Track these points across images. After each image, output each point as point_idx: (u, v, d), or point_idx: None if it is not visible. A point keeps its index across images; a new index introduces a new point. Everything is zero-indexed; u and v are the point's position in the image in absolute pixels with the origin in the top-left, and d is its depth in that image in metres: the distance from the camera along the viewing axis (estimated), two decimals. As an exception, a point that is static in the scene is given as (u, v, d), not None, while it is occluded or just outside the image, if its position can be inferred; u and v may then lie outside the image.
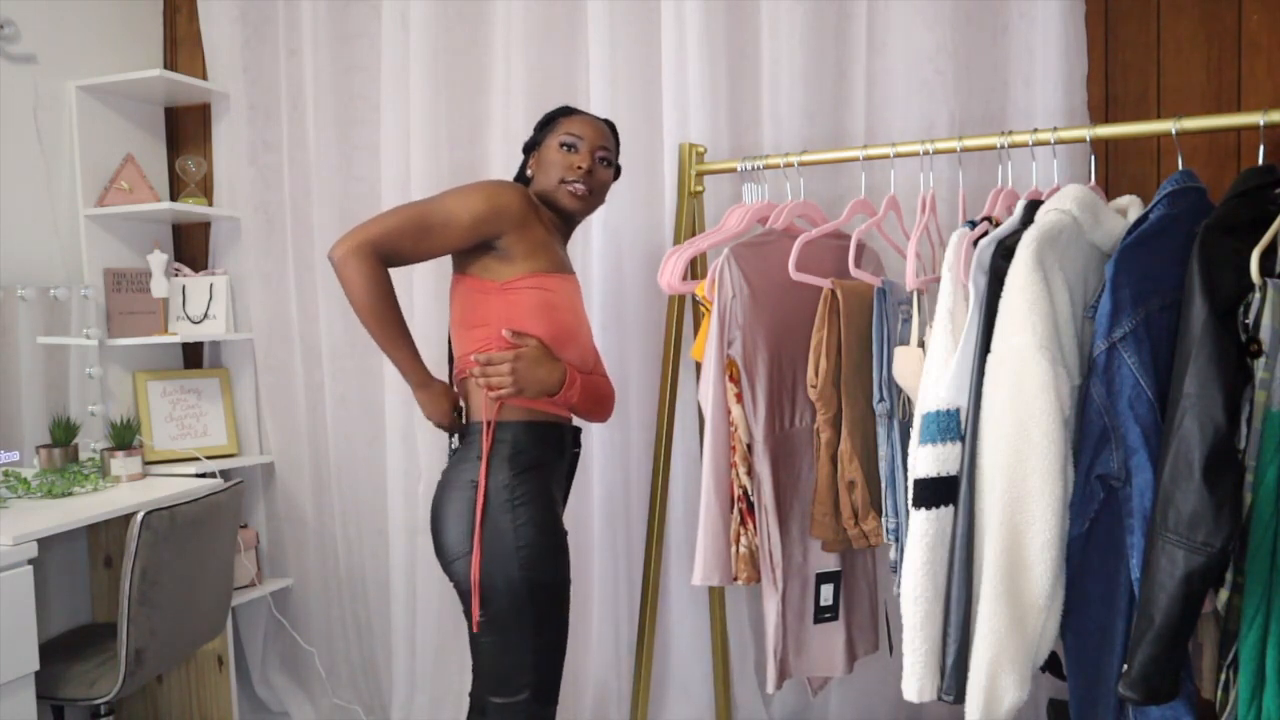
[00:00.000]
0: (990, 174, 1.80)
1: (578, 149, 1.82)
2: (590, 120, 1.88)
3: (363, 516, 2.80)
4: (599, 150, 1.84)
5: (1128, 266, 1.44)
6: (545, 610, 1.71)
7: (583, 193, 1.81)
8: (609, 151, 1.87)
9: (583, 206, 1.83)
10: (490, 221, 1.71)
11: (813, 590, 1.92)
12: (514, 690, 1.70)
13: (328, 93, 2.73)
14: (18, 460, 2.44)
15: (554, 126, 1.88)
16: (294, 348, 2.85)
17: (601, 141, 1.85)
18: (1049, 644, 1.53)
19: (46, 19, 2.63)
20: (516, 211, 1.73)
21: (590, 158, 1.82)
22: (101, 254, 2.73)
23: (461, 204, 1.71)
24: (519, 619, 1.68)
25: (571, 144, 1.82)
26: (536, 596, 1.68)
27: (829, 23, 2.29)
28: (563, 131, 1.84)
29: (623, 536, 2.55)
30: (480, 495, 1.67)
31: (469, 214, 1.70)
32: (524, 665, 1.70)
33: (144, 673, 2.03)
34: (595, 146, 1.84)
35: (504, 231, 1.71)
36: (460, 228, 1.69)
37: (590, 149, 1.83)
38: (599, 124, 1.89)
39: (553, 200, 1.82)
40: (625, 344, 2.47)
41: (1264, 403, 1.32)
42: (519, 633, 1.69)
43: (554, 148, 1.84)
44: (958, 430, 1.52)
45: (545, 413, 1.76)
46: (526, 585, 1.67)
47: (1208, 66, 2.11)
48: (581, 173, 1.80)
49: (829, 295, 1.78)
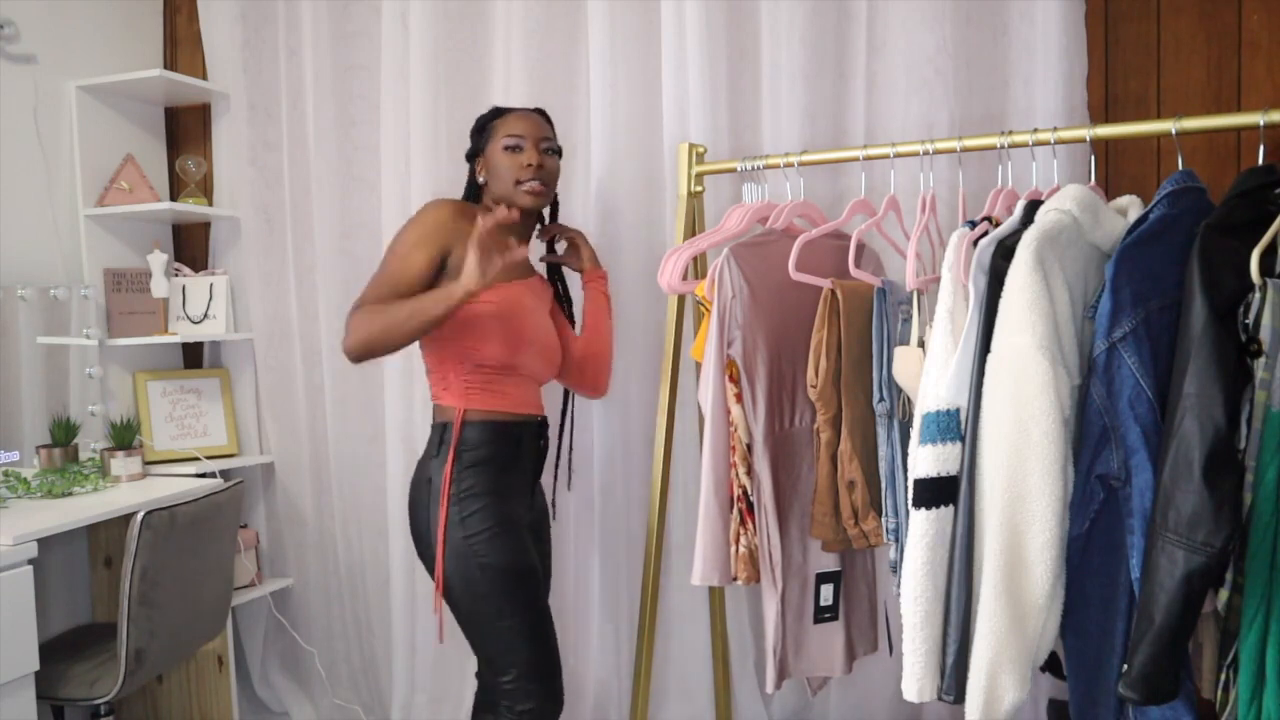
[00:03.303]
0: (990, 174, 1.80)
1: (522, 148, 1.91)
2: (524, 115, 1.96)
3: (363, 516, 2.80)
4: (542, 142, 1.93)
5: (1128, 266, 1.44)
6: (506, 593, 1.81)
7: (540, 189, 1.91)
8: (550, 140, 1.96)
9: (539, 203, 1.93)
10: (432, 238, 1.81)
11: (812, 590, 1.92)
12: (502, 669, 1.83)
13: (328, 93, 2.73)
14: (18, 460, 2.44)
15: (491, 131, 1.96)
16: (294, 348, 2.85)
17: (542, 133, 1.95)
18: (1049, 644, 1.52)
19: (46, 19, 2.63)
20: (448, 220, 1.82)
21: (537, 152, 1.91)
22: (101, 254, 2.73)
23: (404, 239, 1.82)
24: (484, 604, 1.81)
25: (515, 145, 1.91)
26: (494, 582, 1.80)
27: (829, 23, 2.29)
28: (503, 135, 1.93)
29: (623, 536, 2.54)
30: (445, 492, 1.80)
31: (412, 242, 1.81)
32: (503, 647, 1.82)
33: (144, 673, 2.03)
34: (538, 140, 1.93)
35: (449, 244, 1.81)
36: (415, 260, 1.79)
37: (534, 143, 1.92)
38: (534, 116, 1.98)
39: (512, 203, 1.90)
40: (625, 344, 2.47)
41: (1264, 403, 1.32)
42: (487, 618, 1.81)
43: (499, 152, 1.92)
44: (958, 430, 1.52)
45: (500, 411, 1.87)
46: (481, 571, 1.79)
47: (1208, 66, 2.11)
48: (533, 170, 1.89)
49: (829, 295, 1.78)
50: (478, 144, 1.98)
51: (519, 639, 1.82)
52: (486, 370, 1.86)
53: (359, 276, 2.31)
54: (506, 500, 1.86)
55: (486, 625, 1.82)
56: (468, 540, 1.79)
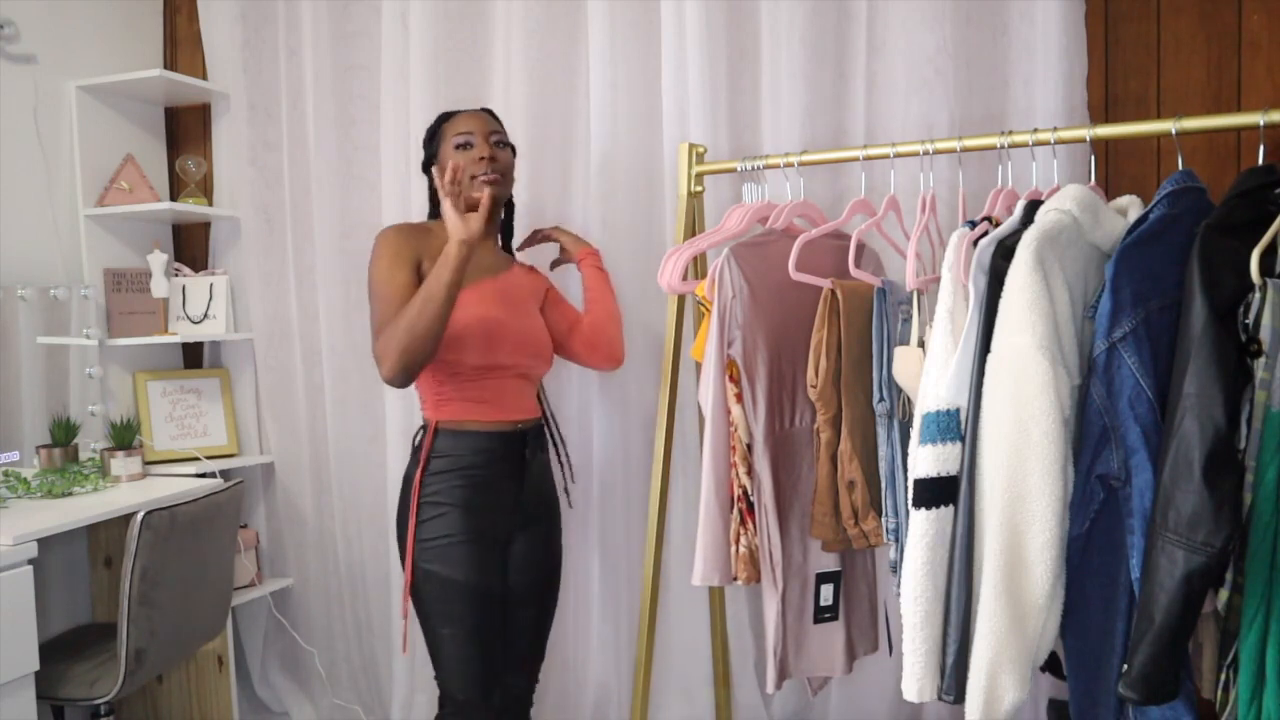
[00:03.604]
0: (990, 174, 1.80)
1: (473, 144, 1.94)
2: (471, 114, 2.01)
3: (363, 516, 2.80)
4: (491, 135, 1.96)
5: (1128, 266, 1.44)
6: (445, 603, 1.85)
7: (496, 178, 1.93)
8: (500, 133, 2.00)
9: (500, 191, 1.96)
10: (401, 255, 1.86)
11: (813, 590, 1.92)
12: (439, 678, 1.91)
13: (328, 93, 2.73)
14: (18, 460, 2.44)
15: (441, 135, 2.00)
16: (294, 348, 2.85)
17: (490, 127, 1.98)
18: (1049, 644, 1.52)
19: (46, 19, 2.63)
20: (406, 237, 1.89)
21: (487, 145, 1.94)
22: (101, 254, 2.73)
23: (378, 269, 1.85)
24: (427, 609, 1.87)
25: (465, 142, 1.94)
26: (436, 590, 1.85)
27: (829, 23, 2.29)
28: (452, 136, 1.96)
29: (623, 536, 2.55)
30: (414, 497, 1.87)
31: (387, 267, 1.84)
32: (438, 655, 1.89)
33: (144, 673, 2.03)
34: (487, 134, 1.96)
35: (418, 256, 1.87)
36: (400, 278, 1.83)
37: (484, 137, 1.95)
38: (480, 114, 2.02)
39: (470, 199, 1.91)
40: (625, 344, 2.46)
41: (1264, 403, 1.32)
42: (427, 622, 1.88)
43: (451, 153, 1.95)
44: (958, 430, 1.52)
45: (472, 421, 1.90)
46: (425, 579, 1.86)
47: (1208, 66, 2.11)
48: (486, 162, 1.92)
49: (829, 295, 1.78)
50: (430, 151, 2.02)
51: (450, 651, 1.87)
52: (462, 379, 1.88)
53: (359, 276, 2.31)
54: (474, 512, 1.88)
55: (428, 629, 1.89)
56: (421, 545, 1.86)
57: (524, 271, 2.11)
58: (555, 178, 2.53)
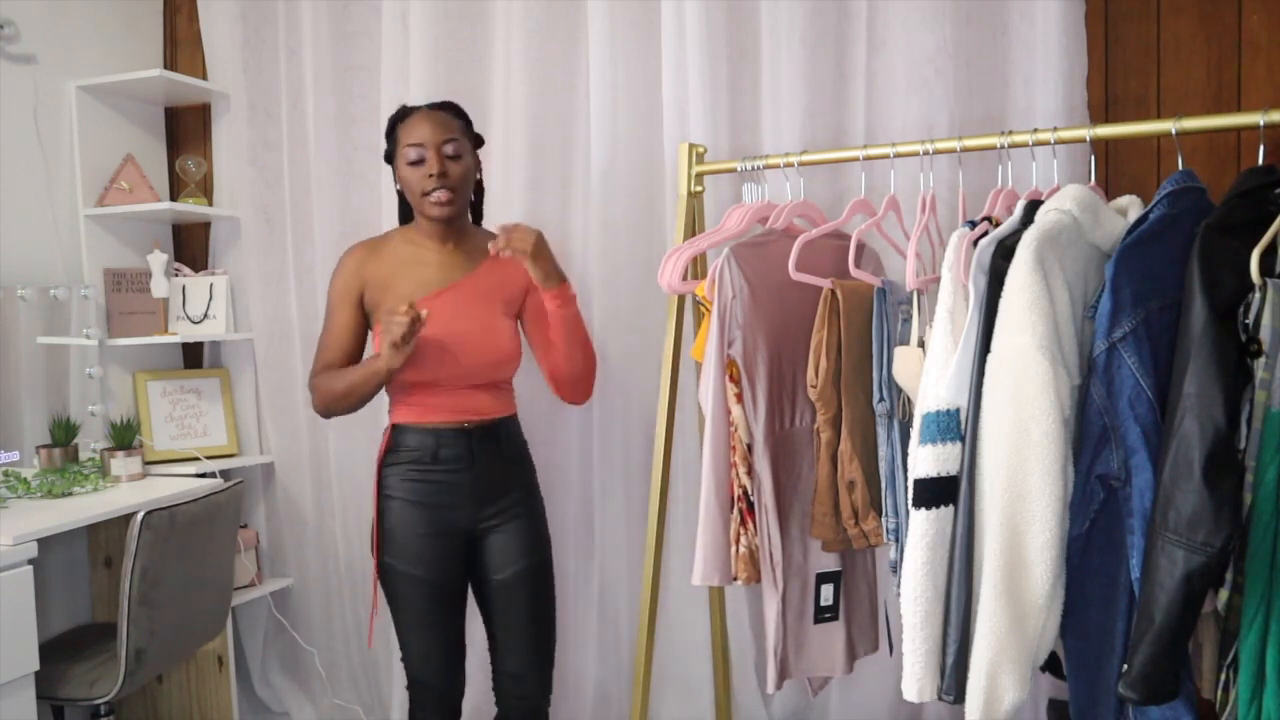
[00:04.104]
0: (990, 174, 1.80)
1: (424, 158, 1.88)
2: (424, 117, 1.92)
3: (363, 516, 2.79)
4: (444, 145, 1.89)
5: (1128, 266, 1.44)
6: (392, 587, 1.97)
7: (445, 198, 1.89)
8: (456, 140, 1.91)
9: (450, 211, 1.91)
10: (344, 294, 1.95)
11: (813, 590, 1.92)
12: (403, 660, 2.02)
13: (328, 93, 2.73)
14: (18, 460, 2.44)
15: (396, 137, 1.96)
16: (294, 348, 2.85)
17: (443, 136, 1.90)
18: (1049, 644, 1.52)
19: (46, 19, 2.63)
20: (357, 268, 1.96)
21: (438, 160, 1.88)
22: (101, 254, 2.73)
23: (329, 299, 1.98)
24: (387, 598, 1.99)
25: (417, 157, 1.89)
26: (389, 581, 1.97)
27: (829, 23, 2.29)
28: (404, 145, 1.91)
29: (623, 536, 2.54)
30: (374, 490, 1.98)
31: (334, 304, 1.97)
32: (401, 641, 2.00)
33: (144, 673, 2.03)
34: (438, 144, 1.89)
35: (362, 289, 1.95)
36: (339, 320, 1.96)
37: (435, 150, 1.88)
38: (435, 115, 1.93)
39: (423, 214, 1.93)
40: (625, 344, 2.47)
41: (1264, 403, 1.32)
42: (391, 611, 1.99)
43: (403, 165, 1.92)
44: (958, 430, 1.52)
45: (421, 422, 1.95)
46: (384, 569, 1.97)
47: (1208, 66, 2.11)
48: (435, 180, 1.87)
49: (829, 295, 1.78)
50: (389, 147, 1.99)
51: (405, 638, 1.99)
52: (410, 386, 1.94)
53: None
54: (425, 507, 1.94)
55: (393, 617, 2.00)
56: (376, 531, 1.98)
57: (496, 266, 1.99)
58: (555, 178, 2.53)
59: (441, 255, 1.98)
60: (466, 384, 1.95)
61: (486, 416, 1.99)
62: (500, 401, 2.03)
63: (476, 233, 2.07)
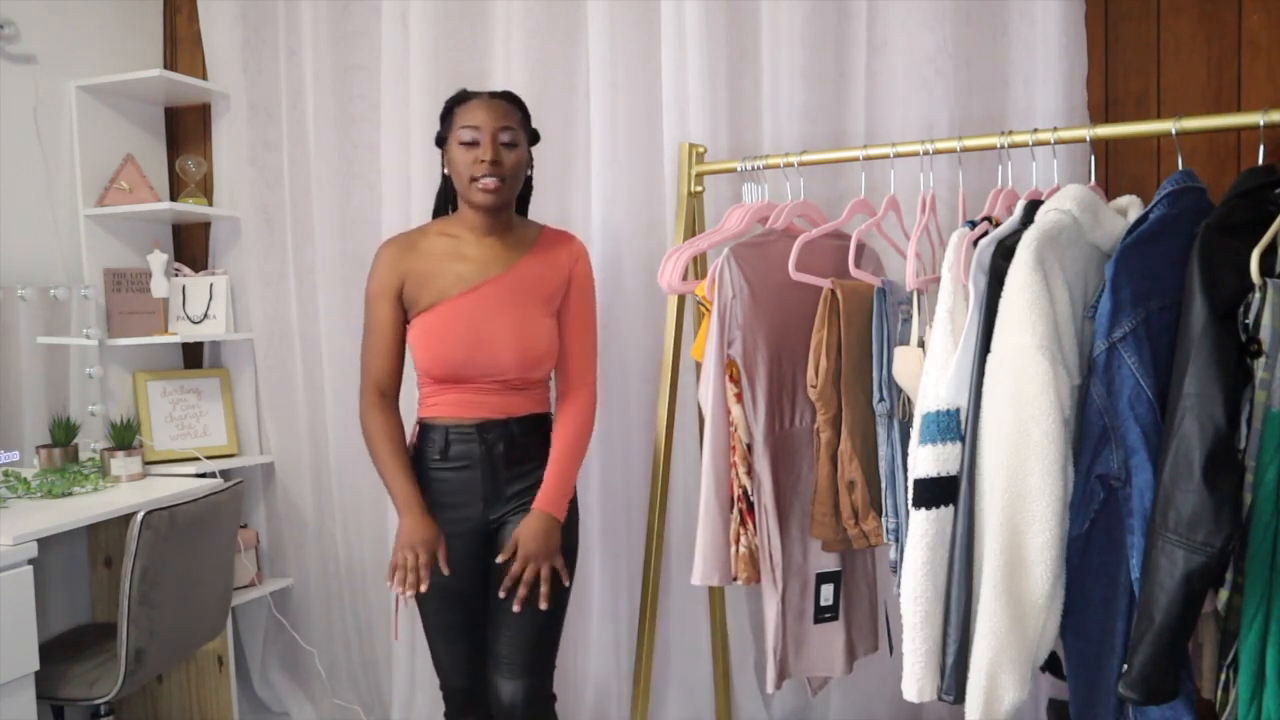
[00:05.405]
0: (990, 174, 1.80)
1: (479, 141, 1.83)
2: (484, 103, 1.87)
3: (363, 516, 2.80)
4: (501, 133, 1.84)
5: (1128, 266, 1.44)
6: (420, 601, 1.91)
7: (494, 186, 1.83)
8: (513, 129, 1.86)
9: (496, 200, 1.85)
10: (384, 289, 1.90)
11: (813, 590, 1.92)
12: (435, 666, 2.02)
13: (328, 92, 2.72)
14: (18, 460, 2.44)
15: (452, 120, 1.89)
16: (294, 348, 2.85)
17: (501, 123, 1.84)
18: (1049, 644, 1.53)
19: (46, 19, 2.63)
20: (394, 262, 1.90)
21: (493, 146, 1.82)
22: (101, 254, 2.73)
23: (368, 296, 1.92)
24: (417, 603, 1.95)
25: (471, 139, 1.84)
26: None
27: (829, 23, 2.29)
28: (459, 126, 1.86)
29: (623, 536, 2.54)
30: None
31: (373, 297, 1.91)
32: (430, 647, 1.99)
33: (144, 673, 2.03)
34: (495, 131, 1.83)
35: (401, 282, 1.89)
36: (381, 313, 1.90)
37: (491, 136, 1.83)
38: (495, 104, 1.88)
39: (468, 201, 1.87)
40: (625, 344, 2.47)
41: (1264, 403, 1.32)
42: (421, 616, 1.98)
43: (455, 146, 1.86)
44: (958, 430, 1.52)
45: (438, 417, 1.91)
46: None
47: (1208, 66, 2.11)
48: (487, 166, 1.81)
49: (829, 295, 1.78)
50: (442, 131, 1.93)
51: (431, 640, 1.97)
52: (430, 382, 1.91)
53: (359, 276, 2.31)
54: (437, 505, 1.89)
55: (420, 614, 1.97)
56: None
57: (536, 261, 1.93)
58: (555, 178, 2.53)
59: (480, 249, 1.89)
60: (485, 380, 1.87)
61: (508, 415, 1.90)
62: (532, 399, 1.94)
63: (519, 225, 1.97)
